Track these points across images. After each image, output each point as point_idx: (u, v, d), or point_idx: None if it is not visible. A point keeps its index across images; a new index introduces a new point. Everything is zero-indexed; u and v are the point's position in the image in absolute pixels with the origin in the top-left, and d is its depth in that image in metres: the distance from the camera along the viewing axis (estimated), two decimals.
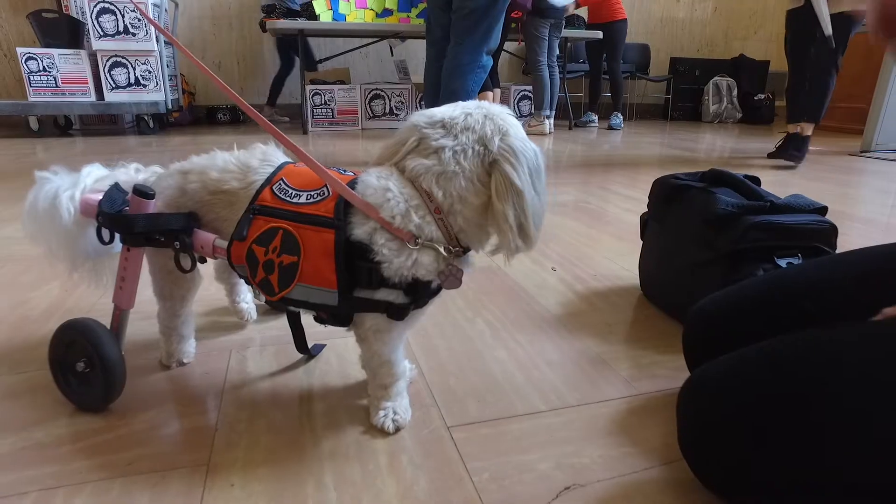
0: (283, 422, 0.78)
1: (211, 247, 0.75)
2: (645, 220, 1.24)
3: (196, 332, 1.02)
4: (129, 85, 4.11)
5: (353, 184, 0.69)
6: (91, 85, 4.05)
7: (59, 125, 4.24)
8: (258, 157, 0.76)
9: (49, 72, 3.98)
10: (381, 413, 0.76)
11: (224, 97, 5.21)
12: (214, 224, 0.77)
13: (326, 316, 0.73)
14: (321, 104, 4.60)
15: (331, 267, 0.66)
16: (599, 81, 5.04)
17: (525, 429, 0.77)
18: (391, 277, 0.66)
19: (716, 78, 5.89)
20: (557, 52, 4.38)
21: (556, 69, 4.28)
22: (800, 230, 0.94)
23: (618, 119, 4.96)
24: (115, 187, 0.79)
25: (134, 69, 4.08)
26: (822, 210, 0.99)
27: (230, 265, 0.75)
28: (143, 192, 0.75)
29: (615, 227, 1.81)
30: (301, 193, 0.70)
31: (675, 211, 1.11)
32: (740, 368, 0.61)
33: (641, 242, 1.26)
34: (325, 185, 0.70)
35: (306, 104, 4.48)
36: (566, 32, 4.46)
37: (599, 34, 4.63)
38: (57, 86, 4.02)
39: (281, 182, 0.72)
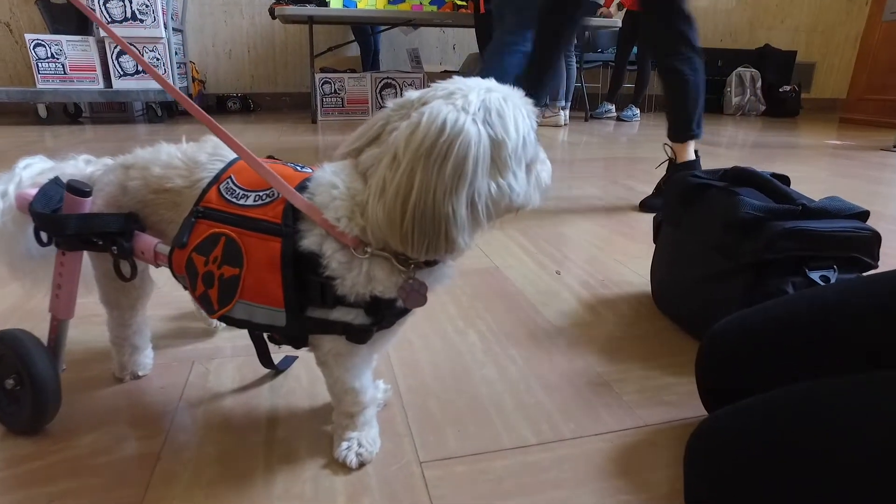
0: (235, 450, 0.69)
1: (152, 253, 0.65)
2: (658, 223, 1.12)
3: (158, 340, 0.93)
4: (138, 72, 4.05)
5: (306, 182, 0.59)
6: (99, 72, 3.99)
7: (68, 113, 4.21)
8: (207, 151, 0.66)
9: (57, 58, 3.94)
10: (345, 445, 0.67)
11: (234, 85, 5.14)
12: (160, 226, 0.68)
13: (279, 336, 0.63)
14: (331, 93, 4.50)
15: (277, 282, 0.57)
16: (624, 72, 4.85)
17: (509, 467, 0.67)
18: (347, 295, 0.56)
19: (739, 69, 5.66)
20: (575, 41, 4.22)
21: (573, 59, 4.13)
22: (836, 238, 0.82)
23: (630, 111, 4.78)
24: (55, 182, 0.70)
25: (142, 56, 4.01)
26: (863, 215, 0.87)
27: (173, 275, 0.65)
28: (76, 189, 0.66)
29: (628, 226, 1.69)
30: (249, 194, 0.60)
31: (693, 213, 0.99)
32: (757, 421, 0.50)
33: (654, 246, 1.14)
34: None
35: (316, 93, 4.39)
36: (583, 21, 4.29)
37: (618, 23, 4.45)
38: (65, 73, 3.98)
39: (229, 180, 0.62)
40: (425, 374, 0.86)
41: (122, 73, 4.02)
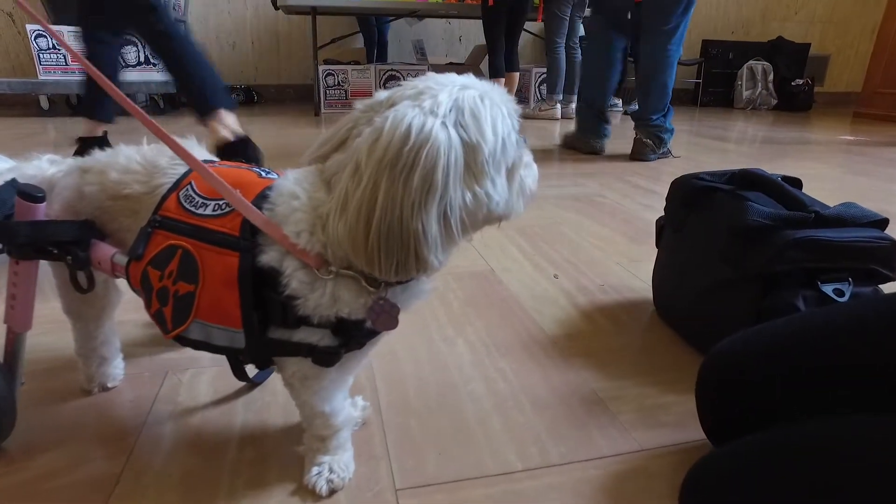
0: (199, 473, 0.65)
1: (109, 263, 0.61)
2: (661, 227, 1.06)
3: (131, 347, 0.89)
4: (139, 64, 4.02)
5: (267, 191, 0.54)
6: None
7: (70, 104, 4.18)
8: (168, 155, 0.61)
9: (59, 49, 3.91)
10: (315, 470, 0.62)
11: (238, 77, 5.10)
12: (119, 235, 0.63)
13: (242, 356, 0.58)
14: (334, 85, 4.44)
15: (234, 300, 0.52)
16: (626, 65, 4.75)
17: (492, 496, 0.62)
18: (310, 316, 0.51)
19: (751, 62, 5.53)
20: (582, 32, 4.13)
21: (578, 51, 4.03)
22: (852, 249, 0.76)
23: (634, 105, 4.68)
24: (10, 185, 0.65)
25: (143, 47, 3.98)
26: (882, 223, 0.80)
27: (132, 289, 0.61)
28: (28, 194, 0.61)
29: (632, 226, 1.63)
30: (208, 202, 0.55)
31: (697, 218, 0.93)
32: (757, 464, 0.45)
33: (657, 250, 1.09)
34: (237, 192, 0.55)
35: (319, 85, 4.33)
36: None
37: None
38: (67, 64, 3.95)
39: (189, 187, 0.57)
40: (408, 389, 0.81)
41: (123, 64, 3.98)
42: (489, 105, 0.47)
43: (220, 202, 0.55)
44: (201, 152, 0.64)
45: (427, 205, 0.44)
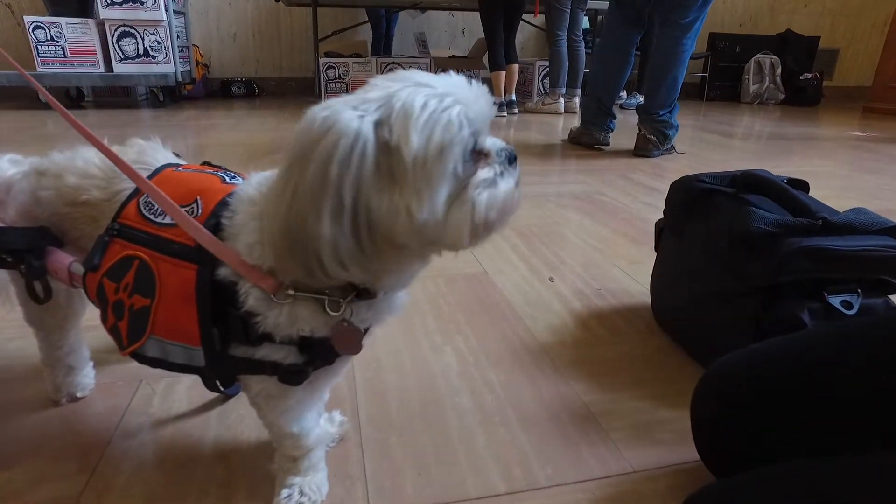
0: (164, 493, 0.61)
1: (66, 273, 0.57)
2: (660, 229, 1.02)
3: (105, 354, 0.85)
4: (138, 56, 3.98)
5: (227, 199, 0.50)
6: (100, 56, 3.92)
7: (70, 97, 4.15)
8: (131, 158, 0.57)
9: (57, 41, 3.87)
10: (285, 493, 0.59)
11: (238, 69, 5.05)
12: (81, 243, 0.59)
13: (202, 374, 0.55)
14: (335, 78, 4.40)
15: (192, 315, 0.48)
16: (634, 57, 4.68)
17: None
18: (272, 333, 0.48)
19: (758, 55, 5.44)
20: (584, 25, 4.06)
21: (581, 44, 3.96)
22: (861, 258, 0.71)
23: (634, 99, 4.60)
24: None
25: (142, 39, 3.94)
26: (894, 230, 0.76)
27: (90, 300, 0.57)
28: None
29: (632, 225, 1.59)
30: None
31: (697, 223, 0.88)
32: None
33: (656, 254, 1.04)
34: (196, 200, 0.51)
35: (320, 77, 4.29)
36: (595, 4, 4.12)
37: None
38: (65, 56, 3.91)
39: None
40: (390, 402, 0.78)
41: (122, 56, 3.94)
42: (435, 110, 0.40)
43: (183, 209, 0.51)
44: (166, 154, 0.60)
45: (320, 201, 0.39)
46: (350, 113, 0.40)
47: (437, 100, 0.41)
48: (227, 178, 0.54)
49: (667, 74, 2.39)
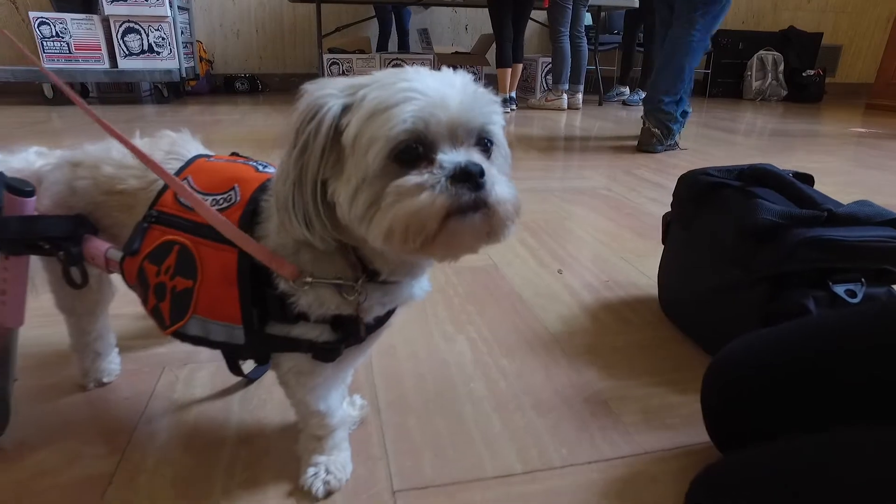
0: (194, 473, 0.64)
1: (103, 259, 0.59)
2: (667, 223, 1.04)
3: (129, 341, 0.88)
4: (143, 52, 3.99)
5: (266, 184, 0.52)
6: (104, 51, 3.94)
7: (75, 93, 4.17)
8: (163, 149, 0.60)
9: (62, 37, 3.89)
10: (311, 471, 0.61)
11: (242, 65, 5.06)
12: (114, 230, 0.62)
13: (240, 352, 0.57)
14: (339, 74, 4.41)
15: (233, 296, 0.51)
16: (633, 54, 4.70)
17: (490, 500, 0.61)
18: (307, 312, 0.50)
19: (761, 52, 5.45)
20: (587, 21, 4.07)
21: (584, 40, 3.97)
22: (865, 248, 0.74)
23: (637, 95, 4.62)
24: None
25: (147, 35, 3.96)
26: None
27: (127, 285, 0.60)
28: (17, 188, 0.60)
29: (639, 220, 1.61)
30: (206, 198, 0.54)
31: (705, 216, 0.91)
32: (766, 474, 0.43)
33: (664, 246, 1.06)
34: (235, 188, 0.53)
35: (324, 73, 4.30)
36: (598, 0, 4.13)
37: (635, 2, 4.28)
38: (70, 52, 3.93)
39: (186, 182, 0.56)
40: (407, 388, 0.80)
41: (127, 52, 3.96)
42: (382, 103, 0.41)
43: (219, 197, 0.53)
44: (196, 146, 0.63)
45: (286, 165, 0.44)
46: (326, 92, 0.43)
47: (393, 95, 0.41)
48: (260, 167, 0.57)
49: (672, 60, 2.39)
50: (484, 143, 0.45)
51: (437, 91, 0.41)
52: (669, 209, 1.04)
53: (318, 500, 0.60)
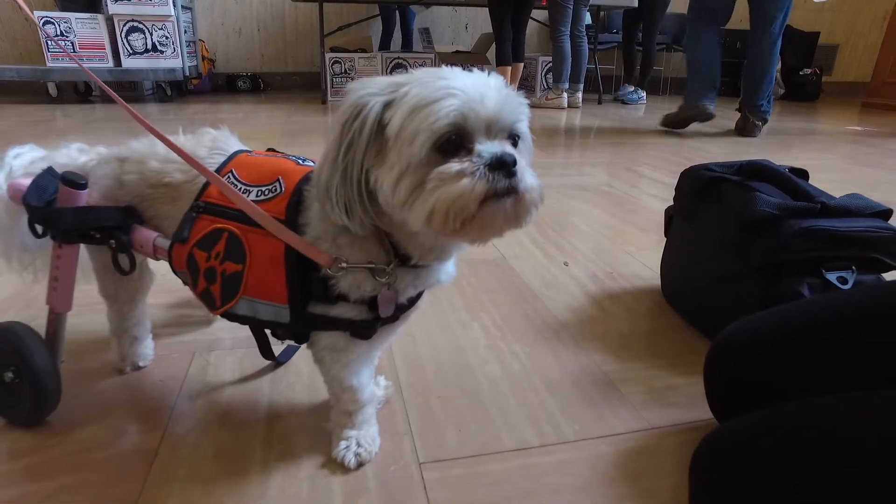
0: (232, 447, 0.68)
1: (151, 246, 0.64)
2: (670, 216, 1.09)
3: (158, 329, 0.93)
4: (146, 51, 4.03)
5: (310, 175, 0.57)
6: (108, 50, 3.97)
7: (78, 91, 4.20)
8: (206, 145, 0.65)
9: (66, 36, 3.91)
10: (343, 444, 0.66)
11: (243, 64, 5.10)
12: (156, 221, 0.67)
13: (282, 331, 0.62)
14: (341, 73, 4.44)
15: (280, 278, 0.55)
16: (633, 53, 4.74)
17: (509, 470, 0.65)
18: (347, 293, 0.55)
19: None
20: (587, 21, 4.11)
21: (584, 39, 4.02)
22: (856, 238, 0.79)
23: (636, 94, 4.66)
24: (48, 173, 0.68)
25: (151, 34, 3.99)
26: (885, 213, 0.83)
27: (173, 271, 0.64)
28: (72, 181, 0.64)
29: (640, 215, 1.66)
30: (251, 189, 0.59)
31: (706, 209, 0.96)
32: (767, 435, 0.48)
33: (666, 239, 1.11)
34: (279, 180, 0.58)
35: (326, 72, 4.34)
36: (598, 0, 4.18)
37: (634, 2, 4.33)
38: (74, 51, 3.96)
39: (230, 175, 0.60)
40: (427, 371, 0.85)
41: (131, 51, 3.99)
42: (424, 99, 0.46)
43: (263, 188, 0.58)
44: (236, 142, 0.67)
45: (330, 155, 0.49)
46: (369, 90, 0.48)
47: (434, 92, 0.46)
48: (300, 161, 0.61)
49: (767, 69, 2.90)
50: (513, 137, 0.50)
51: (475, 89, 0.47)
52: (669, 205, 1.09)
53: (350, 471, 0.65)
